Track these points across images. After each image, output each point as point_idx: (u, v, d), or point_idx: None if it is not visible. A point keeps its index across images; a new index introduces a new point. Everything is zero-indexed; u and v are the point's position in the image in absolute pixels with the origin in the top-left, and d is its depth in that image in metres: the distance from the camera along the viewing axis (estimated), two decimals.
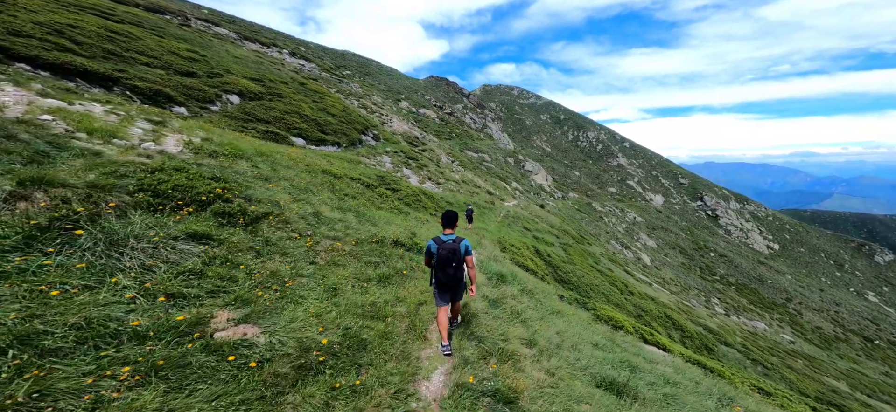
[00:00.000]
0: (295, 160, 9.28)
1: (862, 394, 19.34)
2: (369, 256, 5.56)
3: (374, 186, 10.70)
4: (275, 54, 40.17)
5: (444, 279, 3.86)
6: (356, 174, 12.18)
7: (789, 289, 66.79)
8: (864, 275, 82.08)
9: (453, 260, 3.82)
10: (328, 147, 16.26)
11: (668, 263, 56.18)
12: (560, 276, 14.91)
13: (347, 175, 10.48)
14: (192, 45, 18.84)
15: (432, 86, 79.11)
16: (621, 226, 60.87)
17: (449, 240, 3.88)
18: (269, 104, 15.98)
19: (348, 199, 8.18)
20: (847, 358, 44.68)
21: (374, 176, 12.95)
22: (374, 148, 22.24)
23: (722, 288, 57.93)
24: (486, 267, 7.43)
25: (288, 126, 15.03)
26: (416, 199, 13.12)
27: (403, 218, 9.28)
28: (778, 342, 37.26)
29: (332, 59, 60.54)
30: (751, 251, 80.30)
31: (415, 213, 11.23)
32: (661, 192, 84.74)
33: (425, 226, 9.38)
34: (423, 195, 15.25)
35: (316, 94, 23.38)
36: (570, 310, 8.24)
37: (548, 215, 32.36)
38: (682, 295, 39.65)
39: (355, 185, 9.96)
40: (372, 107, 38.70)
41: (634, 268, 36.62)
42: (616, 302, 15.06)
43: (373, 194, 10.13)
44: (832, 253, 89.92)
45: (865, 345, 51.51)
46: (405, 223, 8.57)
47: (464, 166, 33.98)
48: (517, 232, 19.69)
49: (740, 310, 50.09)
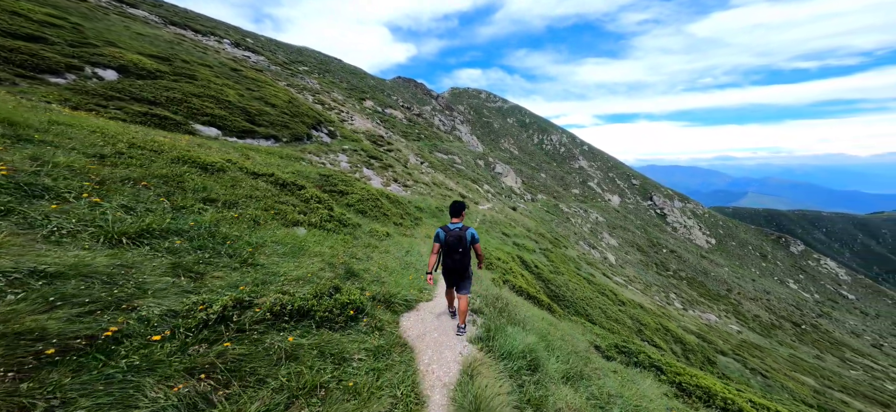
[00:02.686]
0: (128, 141, 5.32)
1: (837, 392, 19.00)
2: None
3: (298, 188, 6.96)
4: (212, 43, 34.07)
5: (451, 264, 4.09)
6: (288, 172, 8.43)
7: (729, 281, 71.95)
8: (783, 264, 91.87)
9: (459, 246, 4.03)
10: (258, 140, 12.15)
11: (630, 261, 57.46)
12: (552, 292, 12.31)
13: (252, 171, 6.68)
14: (66, 12, 13.63)
15: (400, 86, 75.27)
16: (586, 226, 61.46)
17: (456, 229, 4.06)
18: (170, 84, 11.51)
19: (197, 207, 4.40)
20: (785, 344, 48.07)
21: (316, 175, 9.28)
22: (328, 145, 18.24)
23: (676, 282, 60.47)
24: (492, 328, 4.26)
25: (192, 111, 10.72)
26: (374, 205, 9.59)
27: (336, 240, 5.80)
28: (730, 334, 38.65)
29: (286, 54, 54.39)
30: (694, 246, 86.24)
31: (369, 225, 7.74)
32: (618, 192, 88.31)
33: (381, 255, 6.03)
34: (386, 199, 11.74)
35: (253, 82, 18.83)
36: (626, 373, 5.34)
37: (522, 218, 30.13)
38: (647, 292, 39.80)
39: (253, 185, 6.11)
40: (331, 103, 34.15)
41: (606, 268, 35.74)
42: (614, 317, 12.78)
43: (290, 199, 6.40)
44: (757, 245, 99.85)
45: (796, 330, 56.23)
46: (330, 254, 5.16)
47: (434, 167, 30.74)
48: (497, 239, 16.91)
49: (694, 304, 52.21)
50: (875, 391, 26.98)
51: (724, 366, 14.32)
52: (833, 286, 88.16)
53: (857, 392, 23.56)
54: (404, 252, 6.90)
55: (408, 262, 6.19)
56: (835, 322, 69.98)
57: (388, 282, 4.91)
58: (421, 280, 5.46)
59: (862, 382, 31.58)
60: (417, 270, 5.96)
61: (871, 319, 77.45)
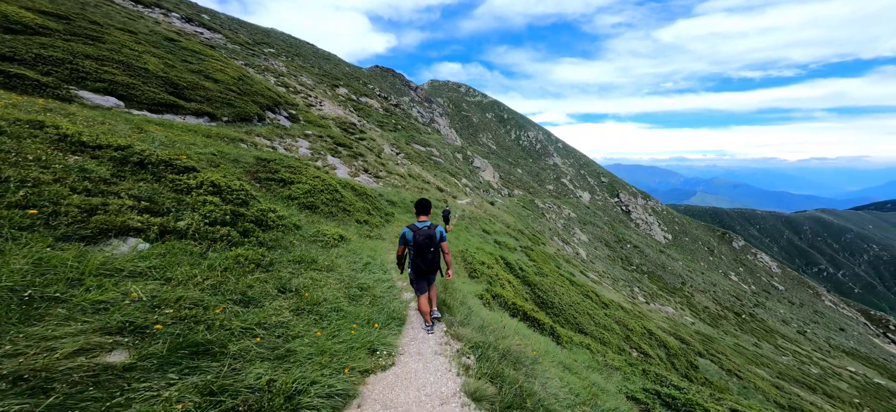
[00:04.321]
0: None
1: (794, 387, 19.64)
2: None
3: (178, 171, 4.34)
4: (156, 15, 29.12)
5: (424, 265, 3.75)
6: (197, 152, 6.09)
7: (683, 274, 76.62)
8: (726, 258, 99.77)
9: (431, 245, 3.74)
10: (185, 117, 9.45)
11: (599, 256, 58.97)
12: (540, 297, 11.02)
13: (78, 140, 4.21)
14: None
15: (377, 75, 71.34)
16: (560, 221, 62.20)
17: (425, 227, 3.75)
18: (55, 43, 8.48)
19: None
20: (730, 333, 51.61)
21: (250, 159, 7.00)
22: (287, 129, 15.58)
23: (639, 276, 63.11)
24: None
25: (79, 74, 7.84)
26: (330, 198, 7.46)
27: (224, 259, 3.45)
28: (685, 324, 40.54)
29: (250, 35, 48.95)
30: (653, 241, 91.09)
31: (317, 225, 5.66)
32: (588, 189, 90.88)
33: (317, 280, 4.02)
34: (350, 191, 9.65)
35: (194, 54, 15.57)
36: None
37: (501, 214, 28.91)
38: (616, 287, 40.60)
39: (63, 164, 3.60)
40: (297, 87, 30.65)
41: (580, 265, 35.72)
42: (603, 324, 11.76)
43: (137, 189, 3.78)
44: (705, 241, 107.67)
45: (737, 320, 60.83)
46: (172, 297, 2.75)
47: (411, 159, 28.55)
48: (478, 237, 15.39)
49: (654, 297, 54.62)
50: (804, 375, 29.18)
51: (705, 369, 13.87)
52: (767, 278, 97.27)
53: (790, 377, 25.17)
54: (361, 266, 4.91)
55: (362, 288, 4.23)
56: (768, 311, 76.98)
57: (302, 353, 2.70)
58: (376, 330, 3.54)
59: (792, 367, 34.28)
60: (375, 304, 4.02)
61: (796, 308, 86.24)
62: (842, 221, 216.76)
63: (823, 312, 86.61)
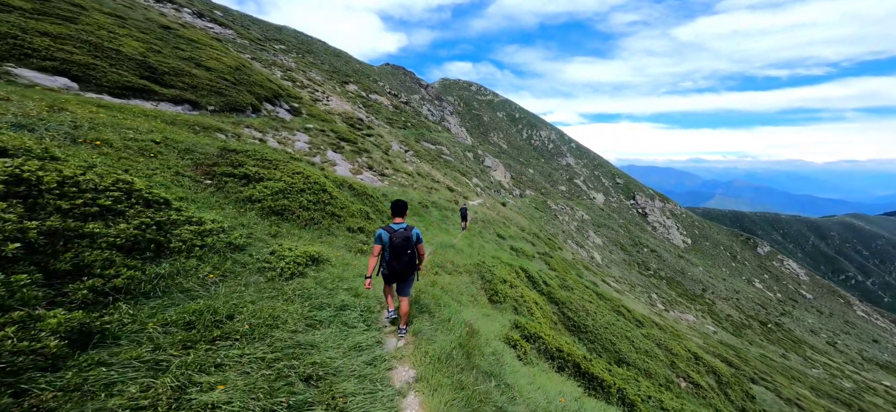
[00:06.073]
0: None
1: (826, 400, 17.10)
2: None
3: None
4: (167, 9, 28.54)
5: (399, 267, 3.65)
6: (140, 139, 4.67)
7: (703, 280, 72.45)
8: (750, 264, 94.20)
9: (407, 247, 3.66)
10: (158, 103, 8.17)
11: (614, 260, 56.07)
12: (570, 320, 9.28)
13: None
14: None
15: (388, 73, 70.28)
16: (573, 224, 59.56)
17: (401, 229, 3.63)
18: (13, 20, 7.29)
19: None
20: (755, 344, 47.90)
21: (212, 150, 5.54)
22: (285, 122, 14.25)
23: (656, 282, 59.75)
24: None
25: (25, 51, 6.60)
26: (314, 201, 5.91)
27: None
28: (707, 334, 37.60)
29: (263, 31, 48.51)
30: (672, 246, 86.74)
31: (282, 240, 4.06)
32: (603, 191, 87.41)
33: (233, 366, 2.06)
34: (347, 191, 8.12)
35: (190, 43, 14.42)
36: None
37: (515, 216, 27.03)
38: (634, 293, 38.01)
39: None
40: (304, 82, 29.59)
41: (598, 271, 33.36)
42: (643, 348, 9.92)
43: None
44: (727, 245, 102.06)
45: (763, 329, 56.68)
46: None
47: (420, 157, 27.01)
48: (492, 242, 13.67)
49: (673, 304, 51.37)
50: (837, 390, 26.08)
51: (762, 399, 11.75)
52: (794, 286, 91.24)
53: (822, 391, 22.33)
54: (329, 316, 3.10)
55: (312, 379, 2.27)
56: (795, 320, 71.96)
57: None
58: None
59: (823, 381, 31.02)
60: None
61: (825, 317, 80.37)
62: (873, 227, 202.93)
63: (855, 323, 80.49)
